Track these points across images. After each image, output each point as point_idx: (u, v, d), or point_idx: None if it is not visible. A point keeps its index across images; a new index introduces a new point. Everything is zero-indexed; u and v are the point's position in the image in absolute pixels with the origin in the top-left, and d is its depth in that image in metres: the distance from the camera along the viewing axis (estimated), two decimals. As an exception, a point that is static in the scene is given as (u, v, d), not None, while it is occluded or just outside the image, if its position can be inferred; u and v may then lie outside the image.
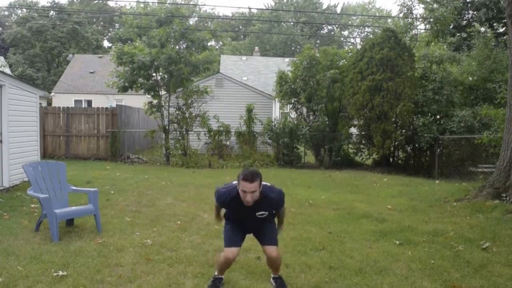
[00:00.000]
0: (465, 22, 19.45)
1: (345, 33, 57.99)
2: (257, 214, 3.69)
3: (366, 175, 12.97)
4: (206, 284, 4.06)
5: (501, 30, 18.33)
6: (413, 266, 4.68)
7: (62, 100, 26.88)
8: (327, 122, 15.84)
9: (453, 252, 5.17)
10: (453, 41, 18.93)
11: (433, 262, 4.81)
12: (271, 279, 4.11)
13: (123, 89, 15.04)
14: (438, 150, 13.39)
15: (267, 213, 3.74)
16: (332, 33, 55.75)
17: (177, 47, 15.73)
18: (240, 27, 57.96)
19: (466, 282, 4.27)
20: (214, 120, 15.45)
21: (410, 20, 14.65)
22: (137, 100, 24.05)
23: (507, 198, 7.59)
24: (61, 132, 15.72)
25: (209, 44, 17.68)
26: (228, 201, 3.71)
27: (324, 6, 54.13)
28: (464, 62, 15.22)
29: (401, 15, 14.82)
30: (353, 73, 13.86)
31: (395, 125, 13.71)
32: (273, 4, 54.74)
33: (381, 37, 13.70)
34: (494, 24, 18.97)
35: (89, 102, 28.46)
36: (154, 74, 15.29)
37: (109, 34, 51.86)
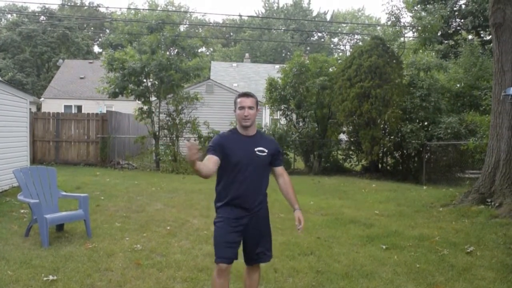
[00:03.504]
0: (452, 30, 19.78)
1: (335, 40, 58.53)
2: (256, 150, 3.37)
3: (355, 181, 13.08)
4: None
5: (487, 38, 18.64)
6: (399, 270, 4.78)
7: (52, 105, 26.73)
8: (317, 129, 15.96)
9: (438, 256, 5.28)
10: (441, 48, 19.25)
11: (418, 266, 4.91)
12: None
13: (114, 95, 15.04)
14: (426, 156, 13.57)
15: (266, 152, 3.40)
16: (322, 40, 56.21)
17: (167, 53, 15.79)
18: (231, 34, 58.15)
19: (450, 285, 4.38)
20: (204, 126, 15.46)
21: (398, 28, 14.89)
22: (128, 106, 24.00)
23: (492, 203, 7.73)
24: (51, 137, 15.65)
25: (199, 50, 17.76)
26: (226, 137, 3.44)
27: (314, 14, 54.53)
28: (451, 70, 15.48)
29: (389, 23, 15.06)
30: (342, 80, 14.00)
31: (383, 132, 13.88)
32: (263, 11, 55.14)
33: (369, 45, 13.87)
34: (481, 32, 19.31)
35: (79, 108, 28.31)
36: (144, 80, 15.33)
37: (100, 39, 51.70)
